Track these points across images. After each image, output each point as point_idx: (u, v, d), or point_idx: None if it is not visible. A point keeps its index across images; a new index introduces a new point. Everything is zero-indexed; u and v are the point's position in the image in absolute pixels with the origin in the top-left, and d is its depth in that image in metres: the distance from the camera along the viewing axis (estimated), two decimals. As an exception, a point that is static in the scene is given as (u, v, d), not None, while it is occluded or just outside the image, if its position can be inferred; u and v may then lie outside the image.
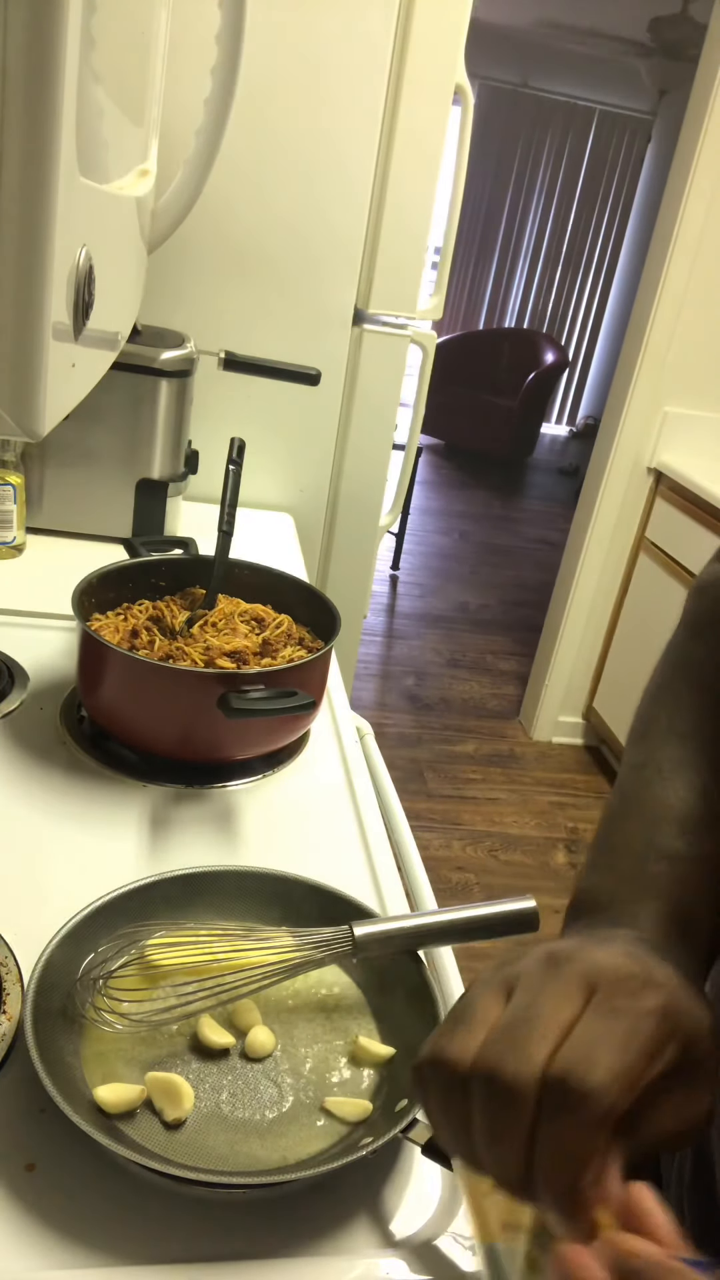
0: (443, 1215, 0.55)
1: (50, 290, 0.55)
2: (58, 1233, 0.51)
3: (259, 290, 1.55)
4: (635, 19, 4.79)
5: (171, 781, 0.90)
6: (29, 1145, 0.54)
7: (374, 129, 1.48)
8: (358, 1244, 0.53)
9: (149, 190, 1.01)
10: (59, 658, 1.06)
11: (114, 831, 0.83)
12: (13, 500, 1.25)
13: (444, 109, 1.50)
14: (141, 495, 1.36)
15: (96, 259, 0.63)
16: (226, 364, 1.37)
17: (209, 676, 0.86)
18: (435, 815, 2.65)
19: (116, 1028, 0.60)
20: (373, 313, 1.61)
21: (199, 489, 1.47)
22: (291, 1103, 0.59)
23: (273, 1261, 0.51)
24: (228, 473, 1.02)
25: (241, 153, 1.41)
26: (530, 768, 2.96)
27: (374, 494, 1.76)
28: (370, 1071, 0.62)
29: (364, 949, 0.63)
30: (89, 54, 0.56)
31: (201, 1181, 0.51)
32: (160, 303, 1.48)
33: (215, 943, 0.64)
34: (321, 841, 0.86)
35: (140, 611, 0.99)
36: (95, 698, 0.92)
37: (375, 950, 0.64)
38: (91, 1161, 0.53)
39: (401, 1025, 0.64)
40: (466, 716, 3.20)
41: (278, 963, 0.61)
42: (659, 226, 2.54)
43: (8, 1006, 0.60)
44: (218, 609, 1.01)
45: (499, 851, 2.53)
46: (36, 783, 0.87)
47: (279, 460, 1.68)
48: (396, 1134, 0.54)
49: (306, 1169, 0.53)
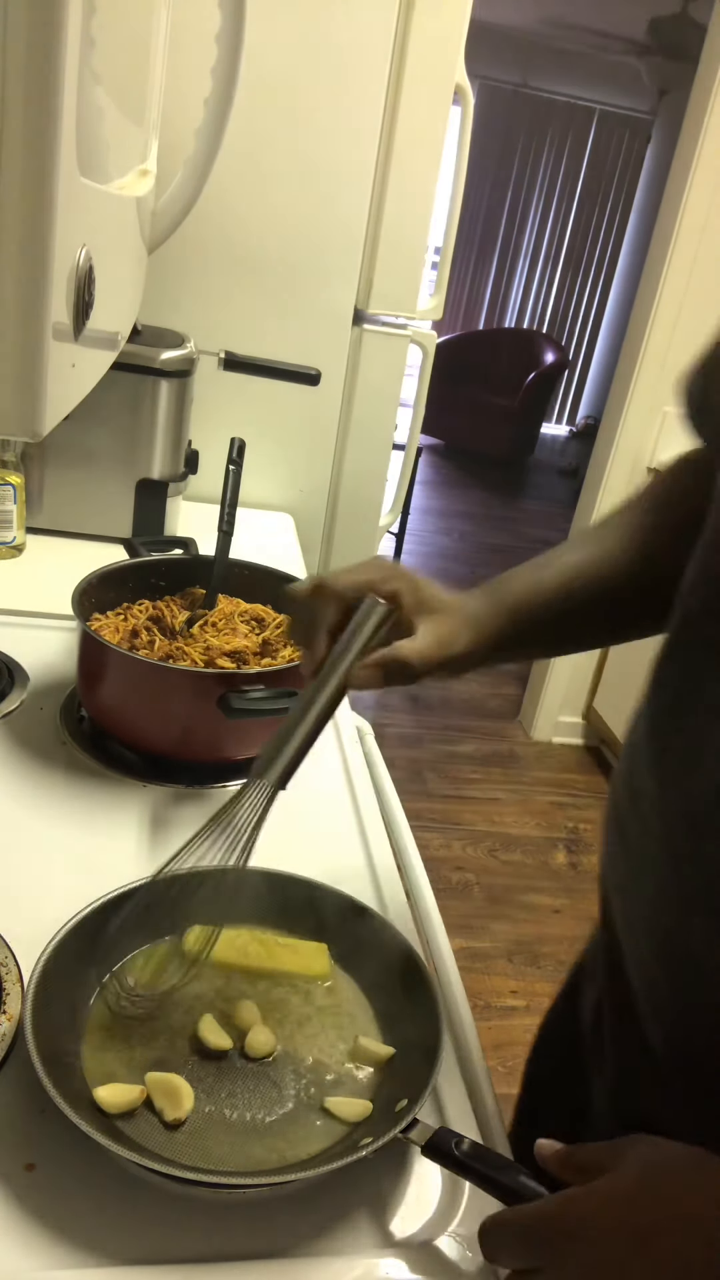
0: (443, 1215, 0.55)
1: (50, 290, 0.55)
2: (58, 1233, 0.51)
3: (259, 290, 1.55)
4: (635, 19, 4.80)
5: (171, 781, 0.90)
6: (29, 1145, 0.54)
7: (374, 129, 1.48)
8: (358, 1244, 0.53)
9: (149, 190, 1.01)
10: (59, 658, 1.06)
11: (114, 831, 0.82)
12: (13, 500, 1.25)
13: (444, 109, 1.50)
14: (141, 495, 1.36)
15: (96, 259, 0.63)
16: (226, 364, 1.37)
17: (209, 676, 0.86)
18: (435, 815, 2.65)
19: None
20: (373, 313, 1.61)
21: (199, 489, 1.47)
22: (291, 1103, 0.59)
23: (273, 1261, 0.51)
24: (228, 473, 1.02)
25: (241, 153, 1.41)
26: (530, 768, 2.96)
27: (374, 494, 1.76)
28: (370, 1071, 0.62)
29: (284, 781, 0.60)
30: (89, 54, 0.56)
31: (201, 1181, 0.51)
32: (160, 303, 1.48)
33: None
34: (321, 841, 0.86)
35: (140, 611, 0.99)
36: (95, 698, 0.92)
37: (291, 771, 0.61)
38: (91, 1161, 0.53)
39: (401, 1025, 0.64)
40: (466, 716, 3.20)
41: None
42: (659, 226, 2.54)
43: (8, 1006, 0.60)
44: (218, 609, 1.01)
45: (499, 851, 2.53)
46: (36, 783, 0.87)
47: (279, 460, 1.68)
48: (396, 1134, 0.53)
49: (306, 1169, 0.53)
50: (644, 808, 0.54)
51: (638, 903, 0.55)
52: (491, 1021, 1.96)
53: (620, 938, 0.58)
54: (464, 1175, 0.53)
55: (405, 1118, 0.54)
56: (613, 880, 0.59)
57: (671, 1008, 0.53)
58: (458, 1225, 0.54)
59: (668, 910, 0.52)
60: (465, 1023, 0.69)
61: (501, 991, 2.05)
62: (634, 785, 0.55)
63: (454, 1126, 0.56)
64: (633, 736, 0.57)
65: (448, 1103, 0.62)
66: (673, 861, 0.51)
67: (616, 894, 0.58)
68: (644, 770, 0.54)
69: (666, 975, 0.53)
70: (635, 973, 0.56)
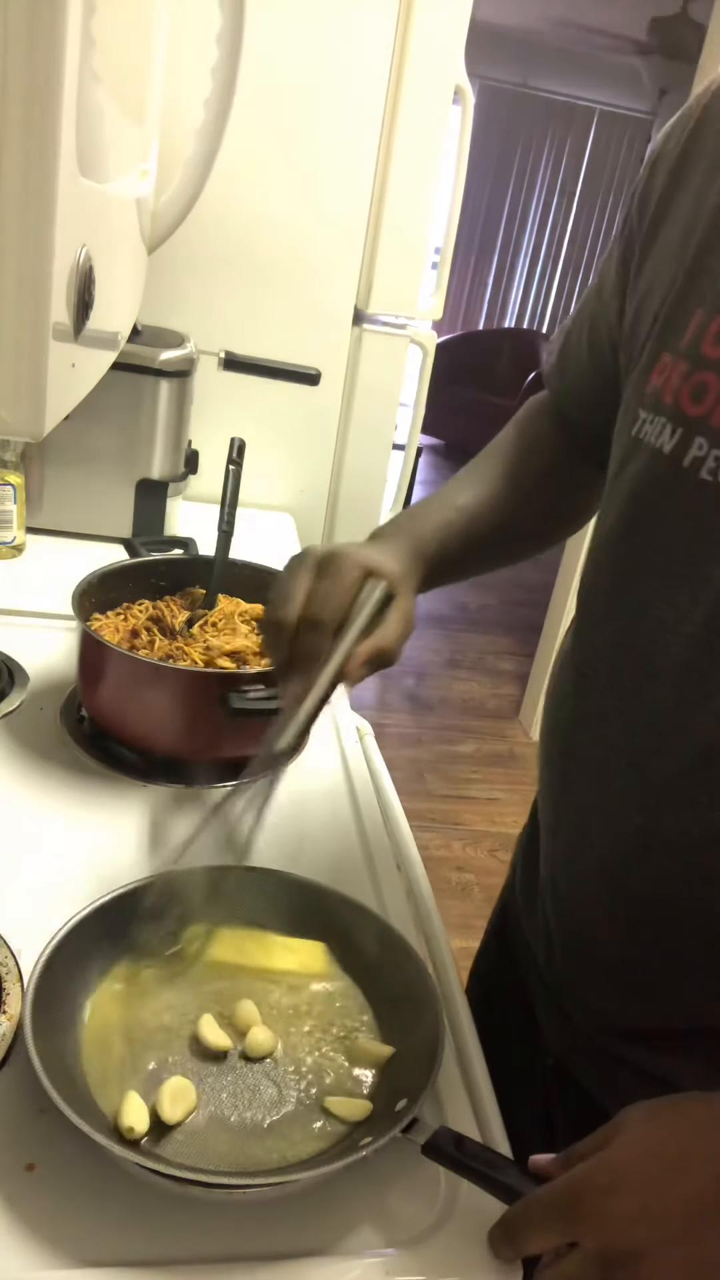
0: (443, 1215, 0.55)
1: (50, 290, 0.55)
2: (58, 1233, 0.51)
3: (259, 290, 1.55)
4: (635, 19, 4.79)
5: (171, 781, 0.90)
6: (29, 1145, 0.54)
7: (374, 129, 1.48)
8: (358, 1244, 0.53)
9: (149, 190, 1.01)
10: (59, 658, 1.06)
11: (114, 831, 0.82)
12: (13, 500, 1.25)
13: (444, 109, 1.50)
14: (141, 495, 1.36)
15: (96, 259, 0.64)
16: (226, 364, 1.37)
17: (209, 676, 0.87)
18: (435, 815, 2.65)
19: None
20: (373, 313, 1.61)
21: (199, 489, 1.47)
22: (291, 1103, 0.59)
23: (273, 1262, 0.51)
24: (228, 473, 1.02)
25: (241, 153, 1.41)
26: (530, 768, 2.95)
27: (374, 494, 1.76)
28: (370, 1071, 0.62)
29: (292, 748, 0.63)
30: (89, 54, 0.56)
31: (201, 1182, 0.51)
32: (160, 303, 1.48)
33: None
34: (321, 841, 0.86)
35: (140, 611, 0.99)
36: (95, 698, 0.92)
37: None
38: (91, 1161, 0.53)
39: (401, 1025, 0.64)
40: (466, 716, 3.20)
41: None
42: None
43: (8, 1006, 0.60)
44: (218, 609, 1.01)
45: (499, 851, 2.53)
46: (36, 783, 0.87)
47: (279, 460, 1.68)
48: (396, 1134, 0.53)
49: (306, 1169, 0.53)
50: (597, 725, 0.63)
51: (597, 810, 0.63)
52: (491, 1021, 1.96)
53: (563, 853, 0.67)
54: (463, 1174, 0.53)
55: (405, 1117, 0.54)
56: (563, 799, 0.68)
57: (639, 906, 0.61)
58: (457, 1224, 0.54)
59: (638, 809, 0.59)
60: (465, 1023, 0.69)
61: (501, 991, 2.05)
62: (583, 707, 0.65)
63: (454, 1126, 0.56)
64: (574, 662, 0.67)
65: (447, 1103, 0.62)
66: (637, 765, 0.59)
67: (569, 813, 0.67)
68: (599, 689, 0.63)
69: (639, 871, 0.60)
70: (590, 883, 0.64)
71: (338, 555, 0.66)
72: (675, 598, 0.56)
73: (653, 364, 0.59)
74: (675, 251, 0.60)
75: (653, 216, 0.63)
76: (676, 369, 0.56)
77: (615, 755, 0.61)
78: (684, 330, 0.57)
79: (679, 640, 0.56)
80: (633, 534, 0.61)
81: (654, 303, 0.61)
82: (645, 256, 0.63)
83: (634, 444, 0.60)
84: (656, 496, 0.58)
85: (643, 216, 0.64)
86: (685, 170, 0.61)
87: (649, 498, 0.59)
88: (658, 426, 0.57)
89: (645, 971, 0.62)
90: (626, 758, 0.60)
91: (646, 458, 0.59)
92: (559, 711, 0.69)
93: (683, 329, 0.57)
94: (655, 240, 0.62)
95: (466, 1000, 0.72)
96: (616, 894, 0.62)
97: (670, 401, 0.57)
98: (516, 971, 0.79)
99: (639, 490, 0.60)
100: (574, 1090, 0.69)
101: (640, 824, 0.59)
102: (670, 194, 0.62)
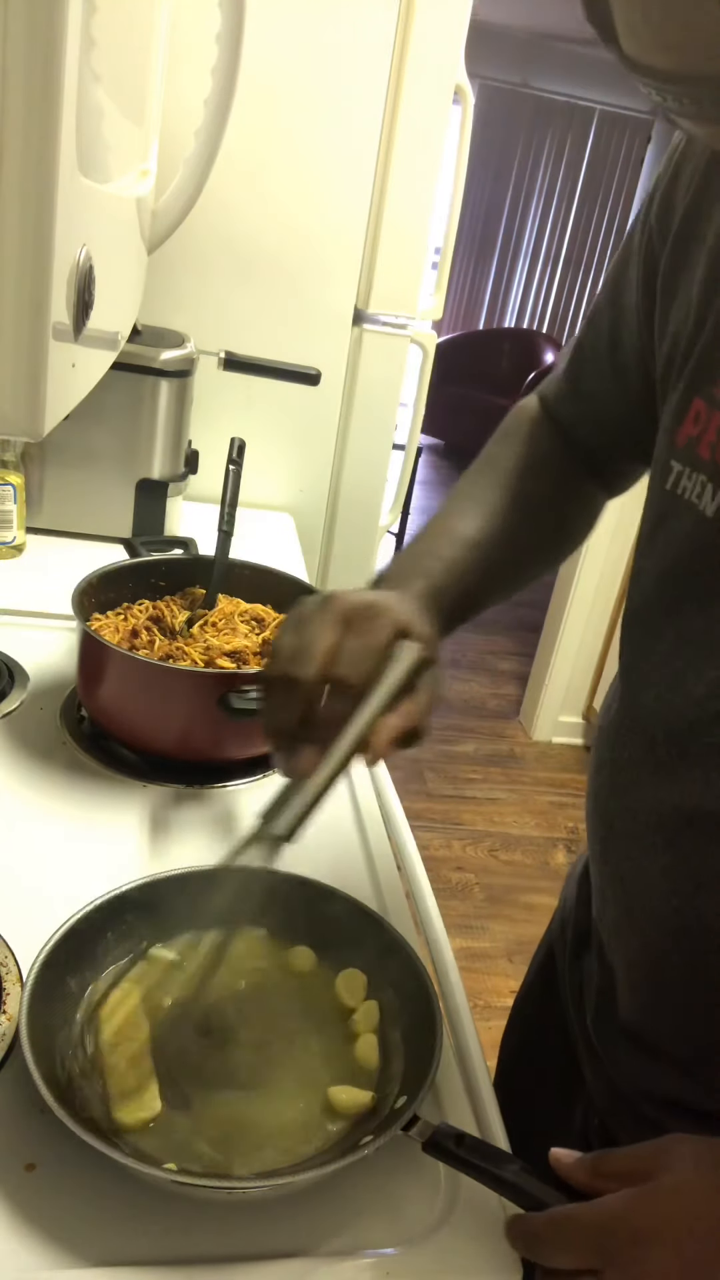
0: (443, 1215, 0.55)
1: (50, 290, 0.55)
2: (58, 1233, 0.51)
3: (259, 290, 1.55)
4: (635, 19, 4.78)
5: (171, 781, 0.90)
6: (29, 1145, 0.54)
7: (374, 129, 1.48)
8: (358, 1243, 0.53)
9: (149, 190, 1.01)
10: (59, 658, 1.06)
11: (114, 831, 0.82)
12: (13, 500, 1.25)
13: (444, 109, 1.50)
14: (141, 495, 1.36)
15: (96, 259, 0.64)
16: (226, 364, 1.37)
17: (209, 676, 0.87)
18: (435, 815, 2.64)
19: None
20: (373, 313, 1.61)
21: (199, 489, 1.47)
22: (292, 1102, 0.59)
23: (273, 1262, 0.51)
24: (228, 473, 1.02)
25: (241, 153, 1.41)
26: (530, 768, 2.96)
27: (374, 494, 1.76)
28: (369, 1071, 0.62)
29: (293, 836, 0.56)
30: (89, 54, 0.56)
31: (201, 1184, 0.51)
32: (160, 303, 1.48)
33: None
34: (321, 841, 0.86)
35: (140, 611, 0.99)
36: (95, 698, 0.92)
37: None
38: (91, 1161, 0.53)
39: (401, 1025, 0.64)
40: (466, 716, 3.20)
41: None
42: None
43: (7, 1006, 0.60)
44: (218, 609, 1.01)
45: (499, 851, 2.53)
46: (36, 783, 0.87)
47: (279, 460, 1.68)
48: (397, 1132, 0.53)
49: (307, 1169, 0.53)
50: (629, 798, 0.60)
51: (638, 884, 0.60)
52: (491, 1021, 1.95)
53: (612, 899, 0.64)
54: (465, 1171, 0.53)
55: (405, 1115, 0.54)
56: (612, 853, 0.64)
57: (680, 990, 0.58)
58: (458, 1224, 0.54)
59: (674, 891, 0.56)
60: (465, 1023, 0.69)
61: (501, 991, 2.05)
62: (616, 778, 0.62)
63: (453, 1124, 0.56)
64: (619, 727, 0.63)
65: (447, 1102, 0.62)
66: (671, 843, 0.57)
67: (619, 864, 0.63)
68: (634, 761, 0.60)
69: (677, 955, 0.57)
70: (642, 926, 0.61)
71: (372, 608, 0.58)
72: (711, 673, 0.53)
73: (685, 410, 0.56)
74: (705, 274, 0.55)
75: (678, 232, 0.59)
76: (714, 421, 0.53)
77: (649, 831, 0.58)
78: (717, 374, 0.53)
79: (706, 718, 0.53)
80: (677, 602, 0.57)
81: (683, 340, 0.57)
82: (674, 283, 0.59)
83: (671, 499, 0.57)
84: (699, 566, 0.55)
85: (665, 228, 0.60)
86: (716, 177, 0.56)
87: (693, 566, 0.55)
88: (696, 484, 0.54)
89: (691, 1048, 0.59)
90: (660, 835, 0.57)
91: (689, 522, 0.55)
92: (597, 776, 0.66)
93: (716, 372, 0.53)
94: (684, 267, 0.58)
95: (468, 1000, 0.72)
96: (657, 974, 0.59)
97: (709, 457, 0.53)
98: (561, 1021, 0.76)
99: (681, 557, 0.56)
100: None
101: (677, 906, 0.56)
102: (699, 207, 0.57)
